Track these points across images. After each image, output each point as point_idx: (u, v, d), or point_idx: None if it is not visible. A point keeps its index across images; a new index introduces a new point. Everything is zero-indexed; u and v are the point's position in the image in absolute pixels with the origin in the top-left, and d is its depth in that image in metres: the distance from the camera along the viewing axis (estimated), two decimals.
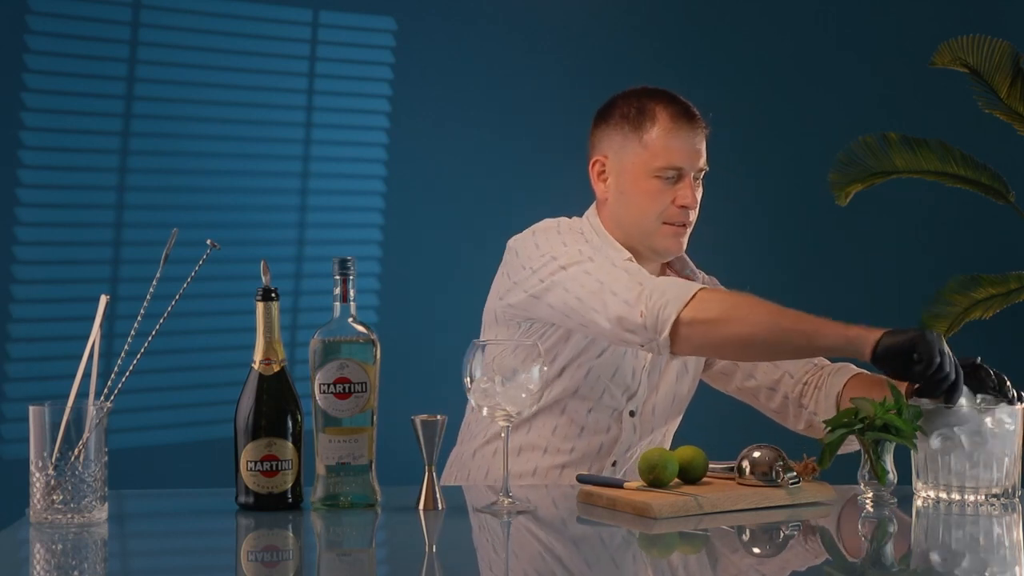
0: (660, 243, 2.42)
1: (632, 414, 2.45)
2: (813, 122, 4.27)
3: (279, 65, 4.05)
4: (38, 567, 1.69)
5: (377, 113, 4.14)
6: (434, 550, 1.82)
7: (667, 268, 2.52)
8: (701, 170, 2.43)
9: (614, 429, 2.44)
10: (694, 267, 2.53)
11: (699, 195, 2.44)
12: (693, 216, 2.43)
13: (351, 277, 2.00)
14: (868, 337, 2.05)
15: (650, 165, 2.39)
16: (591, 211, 2.50)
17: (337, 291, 2.00)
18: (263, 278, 1.98)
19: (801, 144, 4.27)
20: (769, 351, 2.24)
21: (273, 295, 1.98)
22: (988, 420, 1.99)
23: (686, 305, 2.16)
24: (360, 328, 2.00)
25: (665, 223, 2.41)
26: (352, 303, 2.00)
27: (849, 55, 4.32)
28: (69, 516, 1.83)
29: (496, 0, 4.20)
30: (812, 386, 2.43)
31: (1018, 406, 2.03)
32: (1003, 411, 2.01)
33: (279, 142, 4.07)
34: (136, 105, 3.93)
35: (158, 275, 1.95)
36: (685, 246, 2.45)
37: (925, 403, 2.03)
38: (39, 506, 1.83)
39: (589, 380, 2.41)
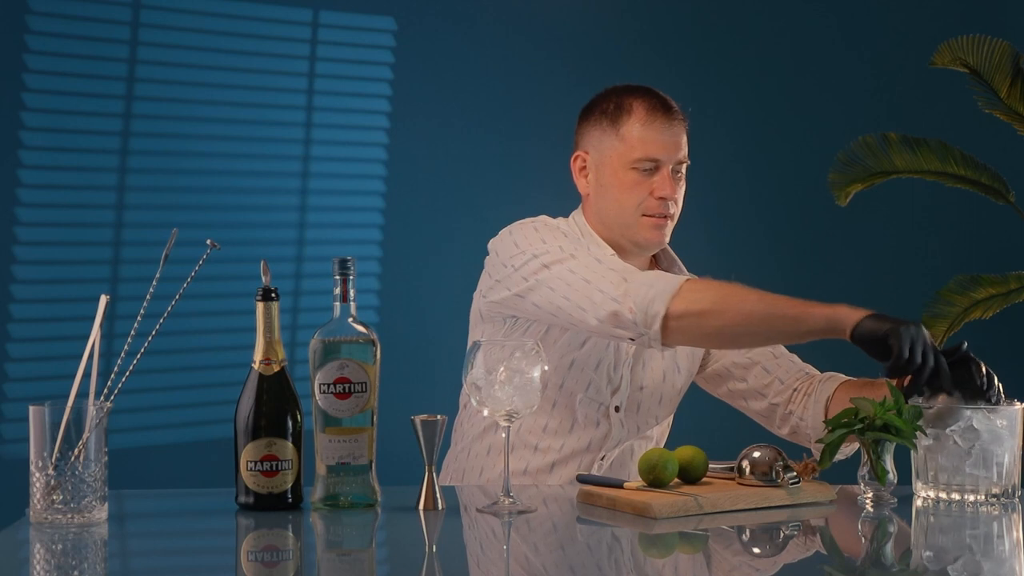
0: (641, 235, 2.43)
1: (617, 409, 2.45)
2: (813, 122, 4.27)
3: (279, 65, 4.05)
4: (38, 567, 1.69)
5: (377, 113, 4.14)
6: (434, 550, 1.82)
7: (654, 265, 2.53)
8: (680, 163, 2.43)
9: (603, 424, 2.45)
10: (682, 265, 2.53)
11: (682, 190, 2.45)
12: (674, 209, 2.43)
13: (351, 277, 2.00)
14: (850, 317, 2.07)
15: (627, 157, 2.41)
16: (577, 211, 2.52)
17: (337, 291, 2.00)
18: (263, 278, 1.98)
19: (801, 144, 4.27)
20: (759, 338, 2.28)
21: (273, 295, 1.98)
22: (978, 419, 1.99)
23: (674, 297, 2.18)
24: (360, 328, 2.00)
25: (644, 215, 2.42)
26: (352, 303, 2.00)
27: (849, 55, 4.32)
28: (69, 516, 1.83)
29: (496, 0, 4.19)
30: (801, 393, 2.44)
31: (1018, 406, 2.02)
32: (1002, 413, 2.00)
33: (279, 142, 4.07)
34: (136, 105, 3.93)
35: (158, 275, 1.95)
36: (667, 239, 2.46)
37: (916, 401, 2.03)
38: (39, 506, 1.83)
39: (574, 372, 2.42)
